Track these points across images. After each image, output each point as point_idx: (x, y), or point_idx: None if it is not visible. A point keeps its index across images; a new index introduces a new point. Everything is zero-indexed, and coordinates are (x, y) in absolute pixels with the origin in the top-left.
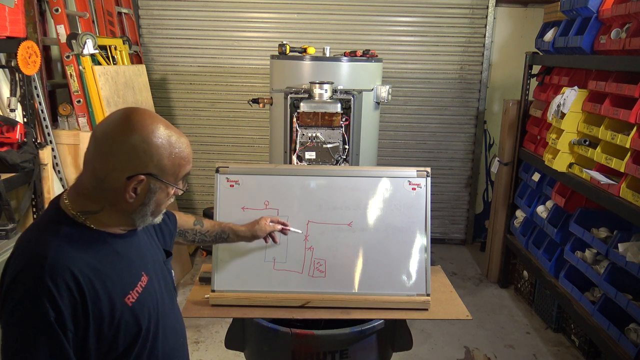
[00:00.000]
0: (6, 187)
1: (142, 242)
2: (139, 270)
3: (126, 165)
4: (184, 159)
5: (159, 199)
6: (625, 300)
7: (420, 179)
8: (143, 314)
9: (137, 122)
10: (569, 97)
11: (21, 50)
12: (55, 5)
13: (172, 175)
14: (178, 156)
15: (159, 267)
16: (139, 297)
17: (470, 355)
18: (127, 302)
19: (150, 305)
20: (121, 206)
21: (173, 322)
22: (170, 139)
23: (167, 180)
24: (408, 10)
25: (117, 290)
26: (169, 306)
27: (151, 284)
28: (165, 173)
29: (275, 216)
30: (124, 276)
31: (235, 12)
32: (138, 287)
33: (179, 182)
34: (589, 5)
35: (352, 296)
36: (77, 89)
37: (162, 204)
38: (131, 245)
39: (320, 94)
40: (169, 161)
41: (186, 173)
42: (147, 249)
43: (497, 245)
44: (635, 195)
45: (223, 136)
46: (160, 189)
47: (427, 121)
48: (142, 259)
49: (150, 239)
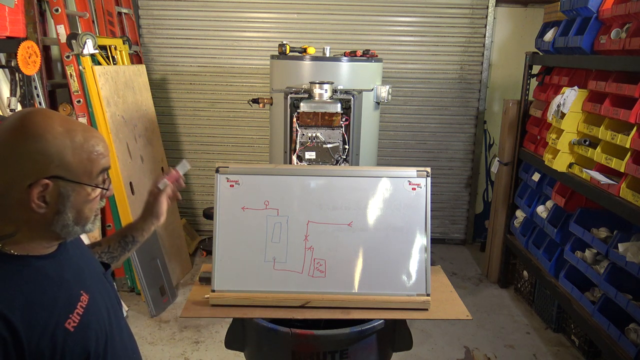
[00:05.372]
0: None
1: (76, 257)
2: (76, 290)
3: (25, 172)
4: (94, 152)
5: (76, 203)
6: (625, 300)
7: (420, 179)
8: (89, 337)
9: (29, 123)
10: (569, 97)
11: (21, 50)
12: (55, 5)
13: (84, 173)
14: (85, 150)
15: (100, 282)
16: (81, 319)
17: (470, 355)
18: (68, 328)
19: (96, 325)
20: (36, 221)
21: (122, 338)
22: (71, 134)
23: (79, 179)
24: (408, 10)
25: (54, 318)
26: (115, 322)
27: (93, 302)
28: (73, 172)
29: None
30: (59, 301)
31: (235, 12)
32: (78, 308)
33: (97, 180)
34: (589, 5)
35: (352, 296)
36: (77, 89)
37: (83, 208)
38: (63, 263)
39: (320, 94)
40: (74, 158)
41: (103, 168)
42: (84, 263)
43: (497, 245)
44: (635, 195)
45: (223, 136)
46: (75, 191)
47: (427, 121)
48: (79, 277)
49: (85, 251)
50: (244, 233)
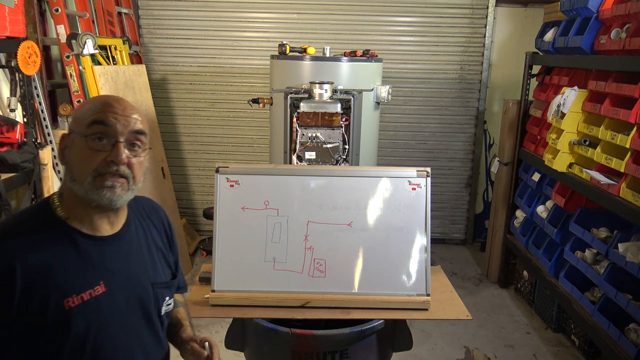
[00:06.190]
0: (6, 187)
1: (125, 255)
2: (95, 278)
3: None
4: (95, 105)
5: (73, 154)
6: (625, 300)
7: (420, 179)
8: (79, 324)
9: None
10: (569, 97)
11: (21, 50)
12: (55, 5)
13: (81, 124)
14: (88, 104)
15: (138, 288)
16: (81, 304)
17: (470, 355)
18: (64, 304)
19: (93, 319)
20: (65, 178)
21: (135, 350)
22: (98, 98)
23: (75, 130)
24: (408, 10)
25: (59, 288)
26: (133, 332)
27: (109, 298)
28: (76, 125)
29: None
30: (72, 276)
31: (235, 12)
32: (86, 294)
33: (87, 131)
34: (589, 5)
35: (352, 296)
36: (77, 89)
37: (77, 160)
38: (104, 252)
39: (320, 94)
40: (80, 113)
41: (94, 120)
42: (131, 264)
43: (497, 245)
44: (635, 195)
45: (223, 136)
46: (73, 142)
47: (427, 121)
48: (109, 270)
49: (150, 257)
50: (244, 233)
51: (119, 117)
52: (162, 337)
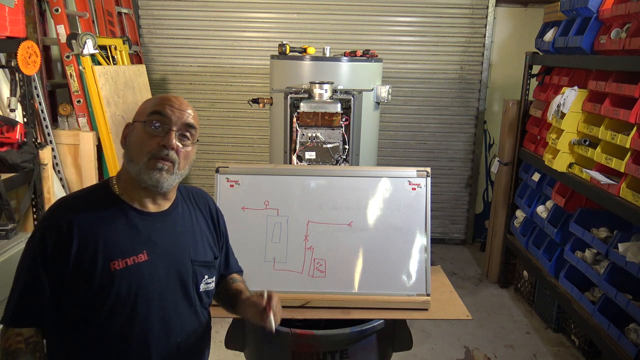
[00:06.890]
0: (6, 187)
1: (169, 231)
2: (140, 245)
3: None
4: (156, 100)
5: (132, 139)
6: (625, 300)
7: (420, 179)
8: (121, 285)
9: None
10: (569, 97)
11: (21, 50)
12: (55, 5)
13: (143, 114)
14: (152, 100)
15: (177, 262)
16: (125, 268)
17: (470, 355)
18: (110, 266)
19: (134, 282)
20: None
21: (171, 316)
22: (156, 95)
23: (136, 119)
24: (408, 10)
25: (107, 250)
26: (170, 299)
27: (150, 266)
28: (138, 116)
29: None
30: (120, 242)
31: (235, 12)
32: (130, 259)
33: (147, 119)
34: (589, 5)
35: (352, 296)
36: (77, 89)
37: (139, 145)
38: (150, 225)
39: (320, 94)
40: (143, 107)
41: (154, 111)
42: (174, 239)
43: (497, 245)
44: (635, 195)
45: (223, 136)
46: (134, 128)
47: (427, 121)
48: (153, 241)
49: (192, 238)
50: (244, 233)
51: (174, 110)
52: (199, 311)
